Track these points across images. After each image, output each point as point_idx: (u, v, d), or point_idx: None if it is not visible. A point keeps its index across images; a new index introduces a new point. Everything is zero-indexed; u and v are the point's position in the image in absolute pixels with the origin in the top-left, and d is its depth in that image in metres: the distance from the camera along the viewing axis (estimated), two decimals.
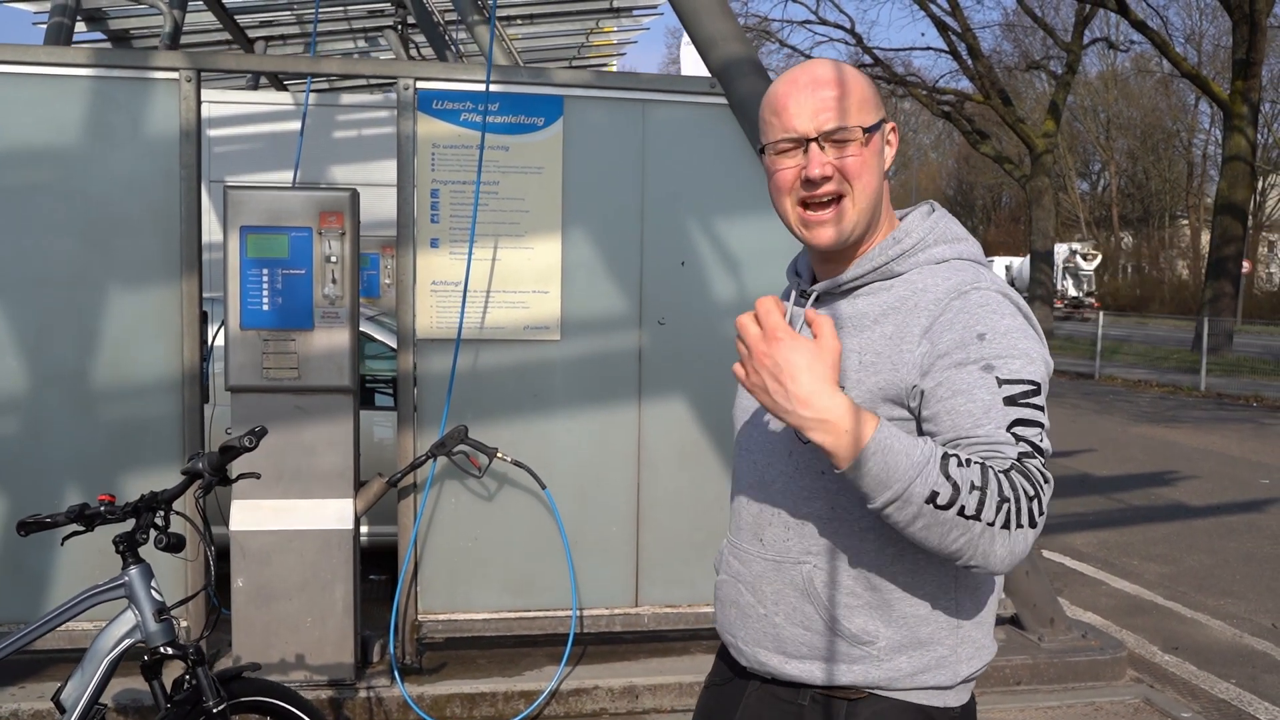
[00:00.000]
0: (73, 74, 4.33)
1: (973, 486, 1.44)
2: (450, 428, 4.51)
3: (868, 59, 34.52)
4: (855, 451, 1.45)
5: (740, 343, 1.62)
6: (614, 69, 17.07)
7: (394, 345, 5.81)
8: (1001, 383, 1.56)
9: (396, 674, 4.48)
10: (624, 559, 4.81)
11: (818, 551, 1.72)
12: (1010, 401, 1.56)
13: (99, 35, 12.08)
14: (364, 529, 4.90)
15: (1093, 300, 42.30)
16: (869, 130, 1.69)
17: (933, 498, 1.44)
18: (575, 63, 15.76)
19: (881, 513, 1.49)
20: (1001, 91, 32.33)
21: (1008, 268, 43.09)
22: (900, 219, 1.82)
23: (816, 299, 1.80)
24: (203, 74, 4.43)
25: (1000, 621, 5.29)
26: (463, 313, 4.53)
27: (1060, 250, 42.79)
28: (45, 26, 8.98)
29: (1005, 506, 1.46)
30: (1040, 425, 1.57)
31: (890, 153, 1.77)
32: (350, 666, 4.44)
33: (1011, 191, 56.54)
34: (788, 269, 1.94)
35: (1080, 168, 57.39)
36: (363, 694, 4.40)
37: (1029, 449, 1.54)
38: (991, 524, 1.46)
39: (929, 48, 59.81)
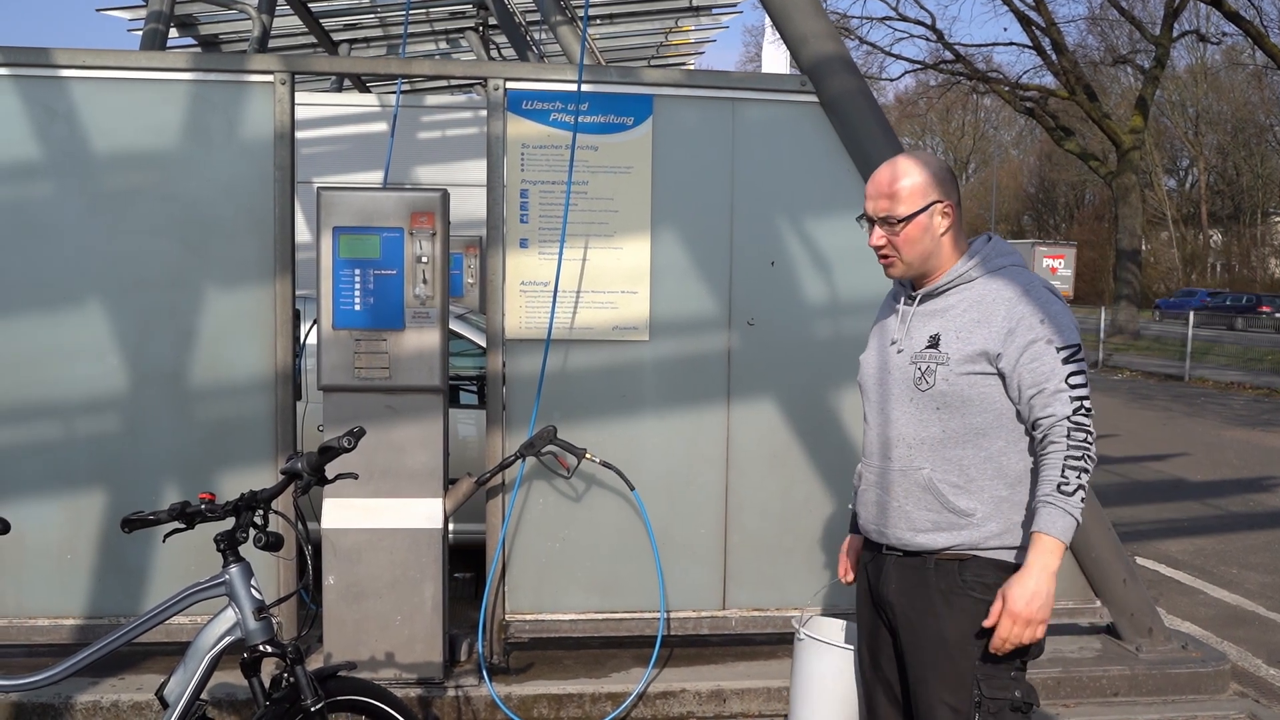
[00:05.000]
0: (171, 78, 4.41)
1: (1079, 480, 2.50)
2: (539, 428, 4.51)
3: (948, 55, 34.00)
4: (1061, 556, 2.50)
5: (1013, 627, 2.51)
6: (692, 68, 17.04)
7: (482, 343, 5.85)
8: (1059, 349, 2.54)
9: (485, 673, 4.49)
10: (711, 561, 4.77)
11: (933, 460, 2.64)
12: (1066, 360, 2.54)
13: (189, 40, 12.37)
14: (450, 527, 4.91)
15: None
16: (905, 220, 2.64)
17: (1077, 509, 2.50)
18: (654, 62, 15.75)
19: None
20: (1087, 87, 31.61)
21: None
22: (970, 243, 2.73)
23: (920, 300, 2.72)
24: (295, 76, 4.48)
25: (1096, 630, 5.15)
26: (553, 313, 4.52)
27: None
28: (140, 33, 9.19)
29: (1086, 460, 2.52)
30: (1084, 372, 2.56)
31: (945, 220, 2.66)
32: (439, 665, 4.46)
33: (1095, 189, 55.32)
34: (894, 286, 2.89)
35: (1168, 164, 55.92)
36: (451, 693, 4.42)
37: (1079, 396, 2.53)
38: (1087, 470, 2.52)
39: (1011, 43, 58.61)
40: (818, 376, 4.74)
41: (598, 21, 12.96)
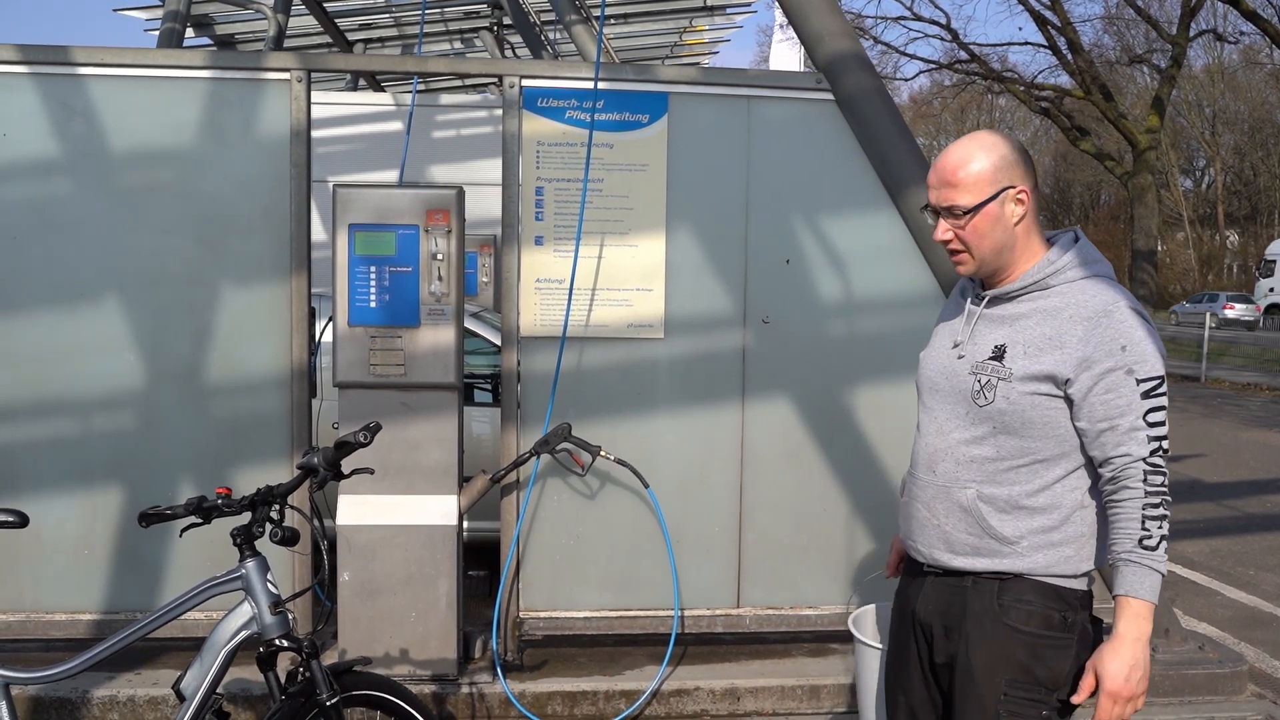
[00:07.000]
0: (188, 76, 4.43)
1: (1160, 530, 2.23)
2: (554, 425, 4.51)
3: (963, 55, 33.92)
4: (1152, 617, 2.25)
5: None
6: (707, 66, 17.01)
7: (496, 341, 5.86)
8: (1139, 381, 2.26)
9: (499, 670, 4.50)
10: (726, 560, 4.77)
11: (980, 480, 2.38)
12: (1146, 395, 2.26)
13: (205, 40, 12.42)
14: (464, 524, 4.92)
15: None
16: (971, 211, 2.34)
17: (1161, 563, 2.24)
18: (668, 61, 15.75)
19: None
20: (1103, 87, 31.49)
21: None
22: (1050, 240, 2.44)
23: (989, 302, 2.44)
24: (311, 74, 4.49)
25: (1110, 629, 5.11)
26: (568, 311, 4.52)
27: None
28: (157, 33, 9.23)
29: (1164, 506, 2.25)
30: (1164, 407, 2.27)
31: (1019, 208, 2.36)
32: (453, 662, 4.47)
33: (1110, 189, 55.04)
34: (962, 279, 2.59)
35: (1184, 164, 55.64)
36: (465, 689, 4.42)
37: (1157, 436, 2.25)
38: (1166, 517, 2.24)
39: (1027, 43, 58.24)
40: (833, 375, 4.73)
41: (612, 21, 12.96)
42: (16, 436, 4.44)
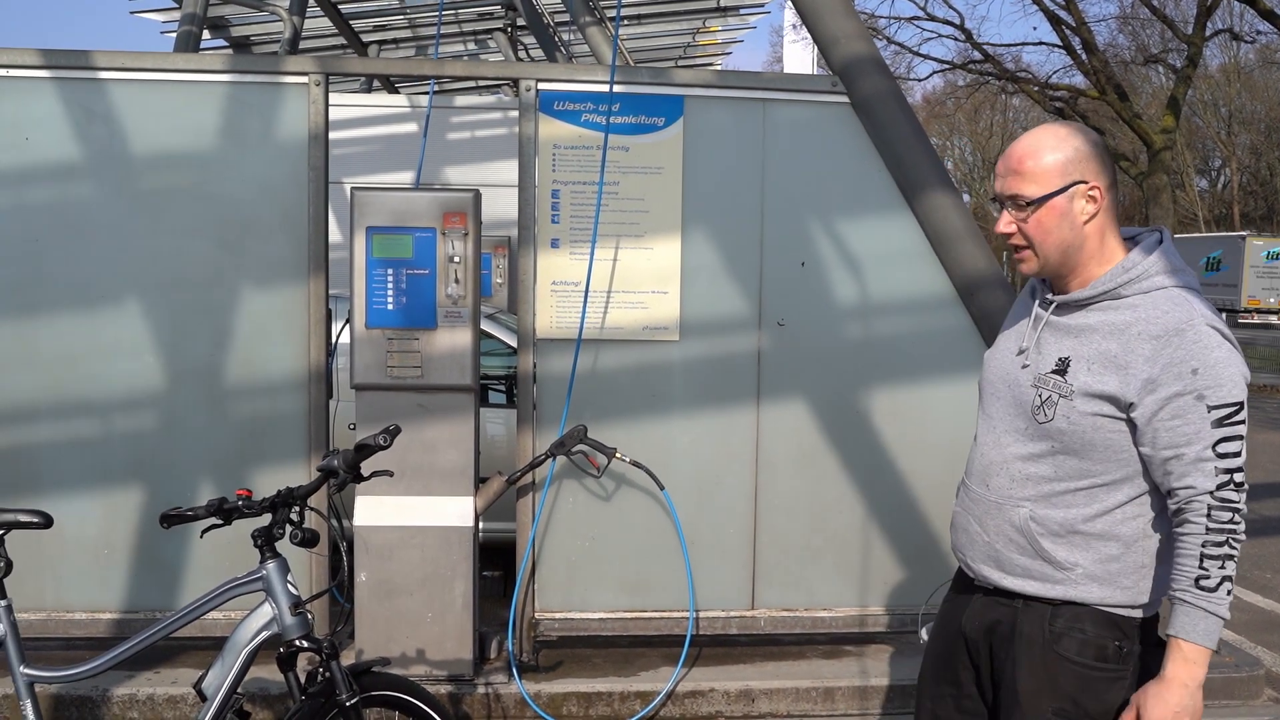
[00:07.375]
0: (208, 80, 4.46)
1: (1221, 570, 2.09)
2: (569, 427, 4.53)
3: (977, 55, 33.84)
4: (1207, 663, 2.12)
5: None
6: (719, 68, 17.02)
7: (512, 343, 5.88)
8: (1211, 408, 2.08)
9: (515, 671, 4.52)
10: (740, 561, 4.78)
11: (1034, 499, 2.26)
12: (1218, 423, 2.08)
13: (221, 42, 12.49)
14: (480, 525, 4.94)
15: None
16: (1035, 203, 2.19)
17: (1221, 606, 2.09)
18: (681, 63, 15.78)
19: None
20: (1117, 87, 31.36)
21: None
22: (1132, 239, 2.28)
23: (1056, 307, 2.28)
24: (330, 78, 4.52)
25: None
26: (584, 313, 4.54)
27: None
28: (174, 35, 9.28)
29: (1229, 545, 2.10)
30: (1240, 437, 2.10)
31: (1090, 206, 2.19)
32: (469, 662, 4.49)
33: (1125, 190, 54.82)
34: (1032, 278, 2.41)
35: (1199, 164, 55.41)
36: (481, 690, 4.45)
37: (1228, 468, 2.09)
38: (1231, 556, 2.10)
39: (1041, 43, 58.05)
40: (848, 378, 4.74)
41: (626, 22, 12.99)
42: (38, 437, 4.48)
